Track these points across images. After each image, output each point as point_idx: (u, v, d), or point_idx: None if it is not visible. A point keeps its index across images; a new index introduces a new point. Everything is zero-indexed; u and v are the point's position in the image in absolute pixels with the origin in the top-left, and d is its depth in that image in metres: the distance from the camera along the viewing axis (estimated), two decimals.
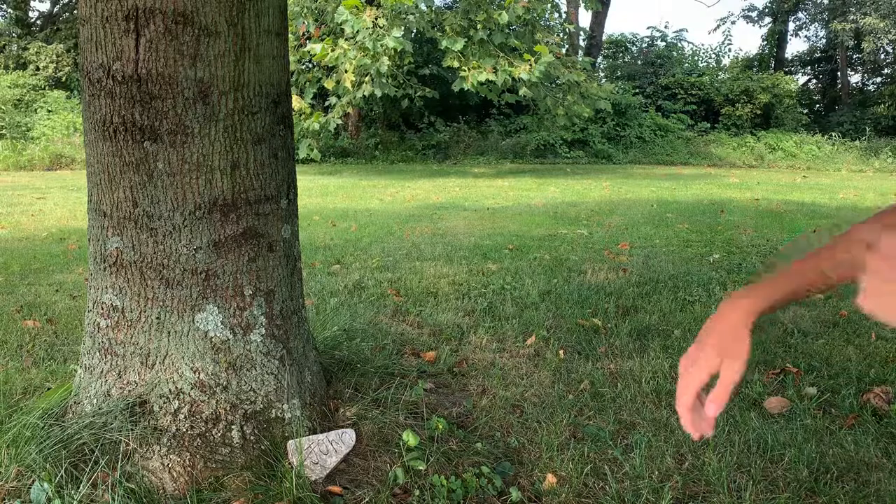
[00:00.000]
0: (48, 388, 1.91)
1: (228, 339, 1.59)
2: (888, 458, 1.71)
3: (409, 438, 1.64)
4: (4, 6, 19.44)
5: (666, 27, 35.12)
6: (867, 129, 18.65)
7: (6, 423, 1.58)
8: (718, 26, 34.73)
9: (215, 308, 1.57)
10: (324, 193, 9.06)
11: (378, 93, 11.23)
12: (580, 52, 19.45)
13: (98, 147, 1.53)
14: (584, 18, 20.83)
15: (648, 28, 38.11)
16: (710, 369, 0.90)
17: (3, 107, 15.84)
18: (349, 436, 1.64)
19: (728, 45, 37.85)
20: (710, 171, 14.91)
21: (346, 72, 10.87)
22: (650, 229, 5.70)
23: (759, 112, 19.57)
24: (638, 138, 18.59)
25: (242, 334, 1.60)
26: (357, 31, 10.64)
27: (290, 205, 1.72)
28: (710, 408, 0.89)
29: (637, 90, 20.20)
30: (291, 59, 10.01)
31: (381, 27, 10.59)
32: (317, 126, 11.48)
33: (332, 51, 10.86)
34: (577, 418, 1.89)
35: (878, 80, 21.71)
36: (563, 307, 3.03)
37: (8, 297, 3.23)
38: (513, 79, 11.28)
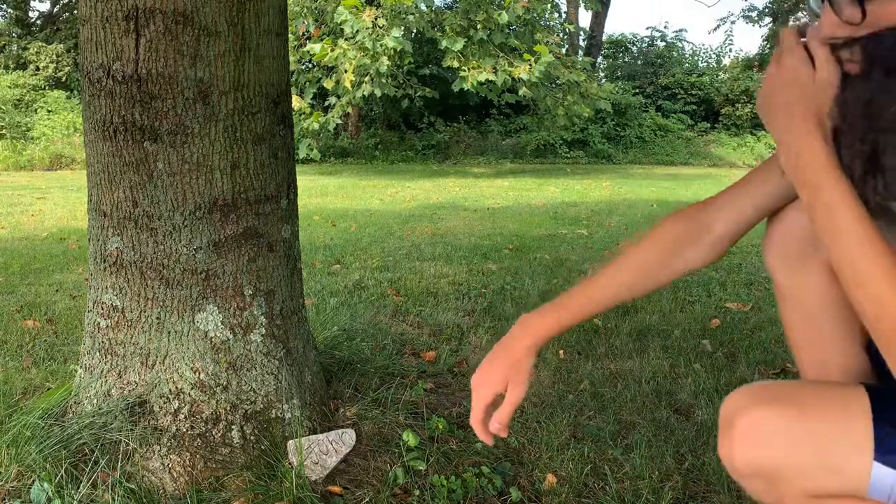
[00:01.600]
0: (48, 388, 1.91)
1: (228, 339, 1.59)
2: None
3: (409, 438, 1.64)
4: (4, 6, 19.43)
5: (666, 27, 35.15)
6: None
7: (6, 423, 1.58)
8: (718, 26, 34.79)
9: (215, 308, 1.57)
10: (324, 193, 9.07)
11: (378, 93, 11.24)
12: (580, 52, 19.45)
13: (98, 147, 1.53)
14: (584, 18, 20.84)
15: (648, 28, 38.13)
16: (496, 390, 1.01)
17: (3, 107, 15.84)
18: (349, 436, 1.64)
19: (729, 45, 37.87)
20: (711, 172, 14.92)
21: (345, 72, 10.87)
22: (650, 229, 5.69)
23: None
24: (638, 138, 18.59)
25: (242, 334, 1.60)
26: (357, 31, 10.65)
27: (291, 205, 1.72)
28: (493, 426, 1.02)
29: (637, 90, 20.20)
30: (291, 59, 10.01)
31: (380, 27, 10.59)
32: (316, 126, 11.49)
33: (332, 51, 10.87)
34: (577, 418, 1.89)
35: None
36: None
37: (8, 297, 3.23)
38: (513, 79, 11.28)
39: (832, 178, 0.76)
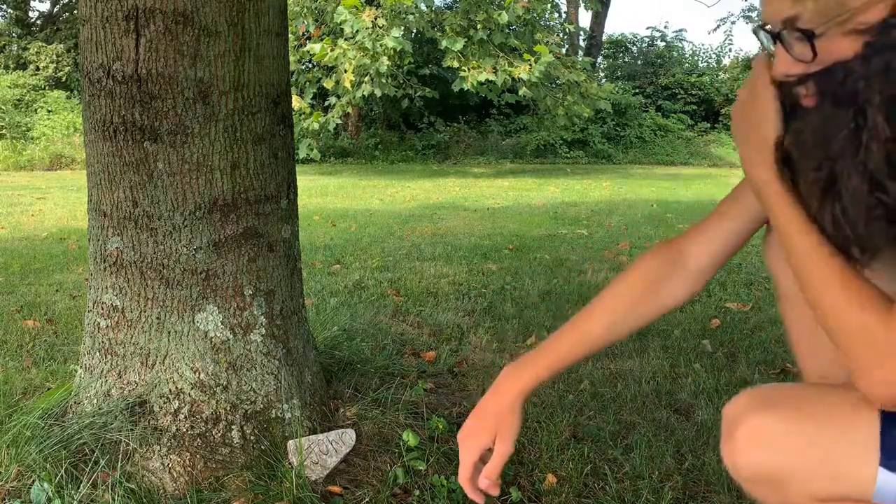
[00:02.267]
0: (48, 388, 1.91)
1: (228, 339, 1.59)
2: None
3: (409, 438, 1.64)
4: (4, 6, 19.42)
5: (666, 27, 35.13)
6: None
7: (6, 423, 1.58)
8: (718, 26, 34.72)
9: (215, 308, 1.57)
10: (324, 193, 9.06)
11: (378, 93, 11.24)
12: (580, 52, 19.44)
13: (98, 147, 1.53)
14: (584, 18, 20.83)
15: (648, 28, 38.12)
16: (484, 444, 1.00)
17: (3, 107, 15.83)
18: (349, 436, 1.64)
19: (728, 45, 37.86)
20: (711, 172, 14.92)
21: (345, 72, 10.86)
22: (650, 229, 5.70)
23: None
24: (638, 138, 18.58)
25: (242, 334, 1.60)
26: (356, 31, 10.64)
27: (291, 205, 1.72)
28: (482, 482, 1.00)
29: (637, 90, 20.19)
30: (291, 59, 9.99)
31: (380, 27, 10.59)
32: (316, 126, 11.49)
33: (332, 51, 10.87)
34: (577, 418, 1.89)
35: None
36: (563, 307, 3.03)
37: (8, 297, 3.23)
38: (513, 79, 11.28)
39: (783, 204, 0.82)
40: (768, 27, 0.79)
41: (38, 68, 17.67)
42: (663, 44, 22.91)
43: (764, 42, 0.81)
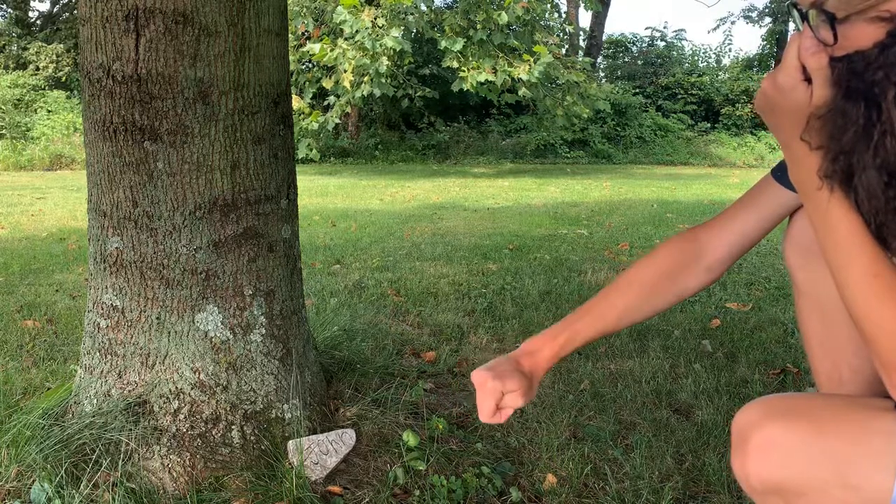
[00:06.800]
0: (48, 388, 1.91)
1: (228, 339, 1.59)
2: None
3: (409, 438, 1.64)
4: (4, 6, 19.43)
5: (665, 27, 35.14)
6: None
7: (6, 423, 1.58)
8: (718, 26, 34.74)
9: (215, 308, 1.57)
10: (324, 193, 9.06)
11: (377, 92, 11.24)
12: (580, 53, 19.45)
13: (98, 147, 1.53)
14: (585, 18, 20.84)
15: (648, 28, 38.14)
16: (505, 391, 1.00)
17: (3, 107, 15.83)
18: (349, 436, 1.64)
19: (728, 45, 37.91)
20: (711, 171, 14.92)
21: (344, 72, 10.87)
22: (650, 229, 5.70)
23: None
24: (638, 138, 18.58)
25: (242, 334, 1.60)
26: (356, 31, 10.65)
27: (291, 205, 1.72)
28: (493, 418, 1.02)
29: (637, 90, 20.19)
30: (291, 59, 10.00)
31: (380, 27, 10.59)
32: (315, 125, 11.49)
33: (331, 50, 10.87)
34: (577, 418, 1.89)
35: None
36: (563, 307, 3.03)
37: (8, 297, 3.23)
38: (512, 79, 11.28)
39: (827, 192, 0.78)
40: (799, 6, 0.77)
41: (38, 68, 17.66)
42: (663, 44, 22.92)
43: (797, 20, 0.79)
